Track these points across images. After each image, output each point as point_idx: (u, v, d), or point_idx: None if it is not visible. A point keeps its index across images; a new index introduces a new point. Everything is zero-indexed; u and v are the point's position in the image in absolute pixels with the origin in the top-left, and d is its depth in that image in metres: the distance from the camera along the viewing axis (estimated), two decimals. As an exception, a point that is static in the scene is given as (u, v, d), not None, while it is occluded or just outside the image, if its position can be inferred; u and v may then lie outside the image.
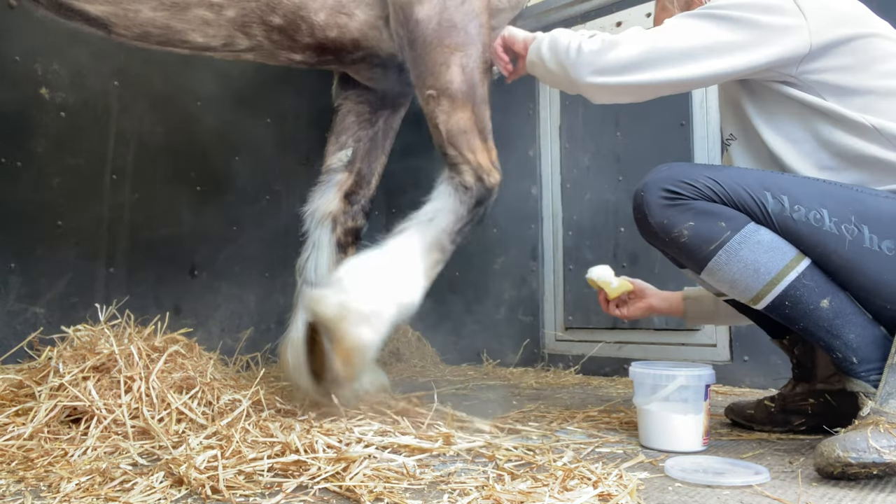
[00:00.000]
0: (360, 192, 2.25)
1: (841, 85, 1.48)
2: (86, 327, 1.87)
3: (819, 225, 1.42)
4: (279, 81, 3.62)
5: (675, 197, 1.49)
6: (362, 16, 1.97)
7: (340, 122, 2.29)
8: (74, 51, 2.87)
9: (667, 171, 1.54)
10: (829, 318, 1.43)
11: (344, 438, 1.46)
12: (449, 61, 1.91)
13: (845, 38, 1.47)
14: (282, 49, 2.00)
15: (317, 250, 2.19)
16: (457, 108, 1.92)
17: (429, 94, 1.94)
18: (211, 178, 3.32)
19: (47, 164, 2.81)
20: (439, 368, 3.46)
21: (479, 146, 1.94)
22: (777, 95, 1.55)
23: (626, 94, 1.62)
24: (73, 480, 1.25)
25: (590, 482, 1.19)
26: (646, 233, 1.58)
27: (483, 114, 1.96)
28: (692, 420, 1.56)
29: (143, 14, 1.80)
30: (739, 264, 1.45)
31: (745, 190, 1.46)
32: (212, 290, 3.29)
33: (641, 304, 2.03)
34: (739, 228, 1.46)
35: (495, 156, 1.99)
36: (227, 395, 1.74)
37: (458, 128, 1.93)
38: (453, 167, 1.95)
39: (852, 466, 1.23)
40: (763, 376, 2.64)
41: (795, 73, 1.50)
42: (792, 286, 1.43)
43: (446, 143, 1.94)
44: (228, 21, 1.87)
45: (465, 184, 1.93)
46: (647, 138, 3.10)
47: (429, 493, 1.20)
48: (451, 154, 1.94)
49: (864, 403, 1.36)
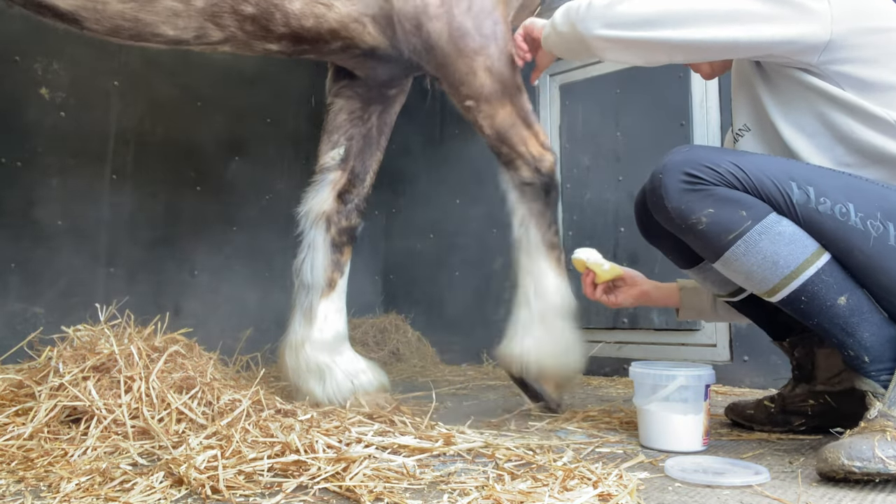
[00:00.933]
0: (353, 191, 2.24)
1: (862, 78, 1.43)
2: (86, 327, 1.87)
3: (844, 219, 1.37)
4: (279, 81, 3.63)
5: (696, 181, 1.43)
6: (343, 8, 1.93)
7: (332, 120, 2.27)
8: (74, 51, 2.87)
9: (687, 154, 1.47)
10: (846, 316, 1.39)
11: (344, 438, 1.46)
12: (474, 68, 1.93)
13: (869, 30, 1.43)
14: (256, 39, 1.96)
15: (312, 251, 2.18)
16: (496, 108, 1.96)
17: (467, 105, 1.98)
18: (211, 178, 3.32)
19: (47, 164, 2.81)
20: (439, 368, 3.46)
21: (527, 135, 1.99)
22: (796, 84, 1.50)
23: (637, 52, 1.55)
24: (73, 480, 1.25)
25: (590, 482, 1.19)
26: (662, 217, 1.51)
27: (521, 102, 2.01)
28: (692, 420, 1.56)
29: (112, 6, 1.76)
30: (758, 256, 1.41)
31: (769, 178, 1.41)
32: (212, 290, 3.29)
33: (634, 290, 1.96)
34: (761, 218, 1.40)
35: (544, 136, 2.04)
36: (227, 395, 1.74)
37: (505, 125, 1.97)
38: (509, 164, 2.00)
39: (855, 475, 1.22)
40: (763, 376, 2.64)
41: (816, 61, 1.44)
42: (810, 281, 1.39)
43: (498, 143, 1.99)
44: (198, 11, 1.82)
45: (525, 181, 1.99)
46: (647, 138, 3.10)
47: (429, 493, 1.20)
48: (505, 152, 2.00)
49: (872, 404, 1.33)
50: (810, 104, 1.49)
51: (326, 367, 2.08)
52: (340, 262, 2.20)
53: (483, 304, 3.66)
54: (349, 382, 2.07)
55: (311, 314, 2.14)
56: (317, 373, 2.08)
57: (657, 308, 3.02)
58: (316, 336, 2.12)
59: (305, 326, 2.14)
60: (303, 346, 2.11)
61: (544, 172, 2.00)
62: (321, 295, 2.16)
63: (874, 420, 1.30)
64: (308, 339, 2.12)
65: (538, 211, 2.01)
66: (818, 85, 1.46)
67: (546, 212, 2.02)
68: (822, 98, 1.47)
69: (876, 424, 1.28)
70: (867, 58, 1.43)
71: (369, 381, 2.10)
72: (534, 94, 3.53)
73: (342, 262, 2.21)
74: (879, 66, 1.43)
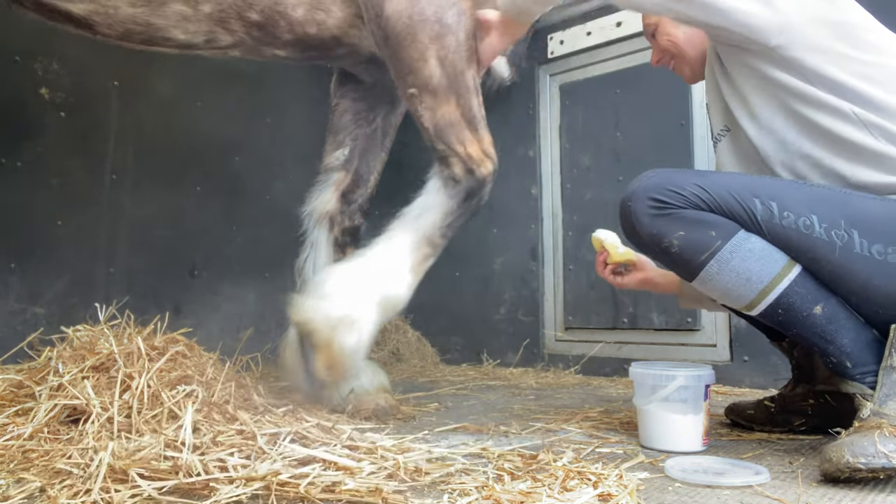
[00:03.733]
0: (357, 191, 2.23)
1: (820, 67, 1.45)
2: (85, 327, 1.86)
3: (809, 231, 1.40)
4: (279, 81, 3.63)
5: (663, 206, 1.47)
6: (339, 13, 1.93)
7: (338, 121, 2.28)
8: (74, 51, 2.87)
9: (653, 178, 1.51)
10: (823, 324, 1.43)
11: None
12: (426, 55, 1.85)
13: (825, 18, 1.46)
14: (264, 45, 1.96)
15: (315, 251, 2.18)
16: (440, 102, 1.86)
17: (410, 93, 1.88)
18: (211, 178, 3.32)
19: (47, 164, 2.81)
20: (439, 368, 3.46)
21: (468, 137, 1.87)
22: (757, 78, 1.53)
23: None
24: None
25: (590, 482, 1.19)
26: (637, 243, 1.56)
27: (470, 103, 1.89)
28: (692, 420, 1.56)
29: (123, 11, 1.78)
30: (731, 273, 1.44)
31: (733, 196, 1.44)
32: (212, 290, 3.29)
33: (639, 274, 1.98)
34: (730, 237, 1.44)
35: (488, 144, 1.91)
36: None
37: (445, 121, 1.87)
38: (443, 160, 1.89)
39: (861, 471, 1.22)
40: (763, 376, 2.64)
41: (774, 44, 1.46)
42: (784, 294, 1.43)
43: (434, 139, 1.88)
44: (206, 16, 1.84)
45: (454, 177, 1.86)
46: (647, 138, 3.10)
47: (429, 492, 1.20)
48: (441, 148, 1.88)
49: (862, 405, 1.36)
50: (773, 97, 1.52)
51: (326, 366, 2.08)
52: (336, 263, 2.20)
53: (483, 304, 3.67)
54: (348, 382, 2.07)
55: (312, 313, 2.13)
56: (316, 372, 2.07)
57: (657, 308, 3.03)
58: (316, 335, 2.11)
59: (306, 326, 2.13)
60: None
61: (478, 176, 1.86)
62: (322, 294, 2.15)
63: (868, 419, 1.31)
64: (308, 339, 2.11)
65: (447, 209, 1.86)
66: (779, 77, 1.49)
67: (453, 213, 1.87)
68: (784, 90, 1.50)
69: (871, 422, 1.30)
70: (823, 46, 1.45)
71: (369, 381, 2.09)
72: (534, 95, 3.53)
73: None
74: (836, 56, 1.45)
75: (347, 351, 1.74)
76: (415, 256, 1.85)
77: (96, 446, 1.32)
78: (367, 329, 1.76)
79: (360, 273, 1.80)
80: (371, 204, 2.29)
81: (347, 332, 1.73)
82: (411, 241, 1.84)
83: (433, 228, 1.86)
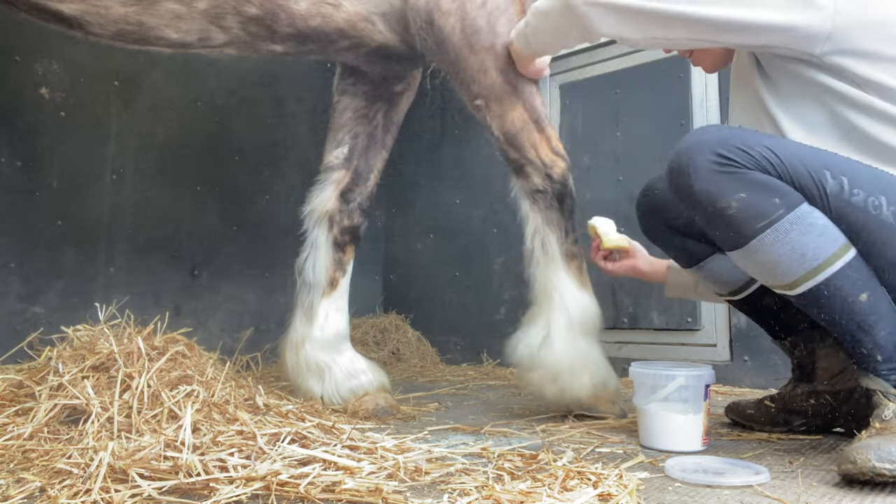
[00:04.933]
0: (356, 190, 2.23)
1: (867, 72, 1.39)
2: (85, 327, 1.86)
3: (877, 213, 1.33)
4: (279, 81, 3.63)
5: (729, 163, 1.35)
6: (351, 8, 1.92)
7: (338, 119, 2.27)
8: (74, 51, 2.87)
9: (717, 133, 1.39)
10: (865, 313, 1.34)
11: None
12: (485, 66, 1.89)
13: (872, 22, 1.39)
14: (260, 41, 1.95)
15: (315, 250, 2.18)
16: (507, 109, 1.91)
17: (477, 104, 1.93)
18: (211, 178, 3.32)
19: (47, 164, 2.81)
20: (439, 368, 3.46)
21: (538, 139, 1.92)
22: (800, 82, 1.46)
23: (632, 22, 1.49)
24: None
25: (590, 482, 1.19)
26: (687, 199, 1.42)
27: (534, 104, 1.94)
28: (692, 420, 1.56)
29: (115, 10, 1.76)
30: (786, 246, 1.33)
31: (804, 166, 1.34)
32: (212, 290, 3.29)
33: (628, 261, 2.00)
34: (794, 207, 1.33)
35: (557, 142, 1.96)
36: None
37: (515, 127, 1.91)
38: (519, 171, 1.94)
39: (885, 476, 1.19)
40: (763, 376, 2.64)
41: (819, 52, 1.40)
42: (836, 276, 1.33)
43: (506, 147, 1.93)
44: (200, 14, 1.82)
45: (536, 188, 1.92)
46: (647, 138, 3.10)
47: (429, 492, 1.19)
48: (514, 157, 1.93)
49: (882, 403, 1.32)
50: (818, 101, 1.45)
51: (326, 366, 2.08)
52: (343, 261, 2.20)
53: (483, 304, 3.66)
54: (348, 382, 2.07)
55: (312, 313, 2.14)
56: (316, 371, 2.08)
57: (657, 308, 3.03)
58: (316, 335, 2.12)
59: (306, 325, 2.14)
60: (303, 344, 2.11)
61: (556, 179, 1.92)
62: (323, 294, 2.16)
63: (891, 420, 1.28)
64: (308, 338, 2.12)
65: (554, 220, 1.92)
66: (824, 81, 1.43)
67: (562, 221, 1.93)
68: (829, 94, 1.43)
69: (894, 425, 1.27)
70: (870, 51, 1.39)
71: (369, 381, 2.10)
72: (534, 94, 3.53)
73: (344, 262, 2.20)
74: (884, 61, 1.39)
75: (596, 386, 1.90)
76: (578, 277, 1.94)
77: (96, 446, 1.32)
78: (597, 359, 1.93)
79: (562, 325, 1.90)
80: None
81: (586, 375, 1.89)
82: (562, 271, 1.92)
83: (560, 245, 1.93)
